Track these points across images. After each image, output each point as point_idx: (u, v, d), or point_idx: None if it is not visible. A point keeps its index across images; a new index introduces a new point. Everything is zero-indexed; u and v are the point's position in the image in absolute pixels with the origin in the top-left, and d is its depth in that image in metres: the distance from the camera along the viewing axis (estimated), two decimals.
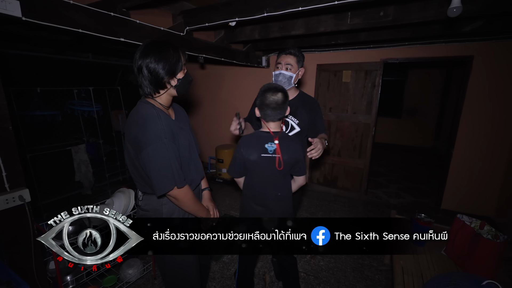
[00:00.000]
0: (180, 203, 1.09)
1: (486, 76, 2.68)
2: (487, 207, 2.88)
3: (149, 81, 1.03)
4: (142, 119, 1.00)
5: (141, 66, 1.01)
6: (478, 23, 2.16)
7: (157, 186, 1.00)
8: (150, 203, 1.13)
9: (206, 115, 4.64)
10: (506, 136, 2.70)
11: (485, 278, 1.17)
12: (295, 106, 1.65)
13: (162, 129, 1.00)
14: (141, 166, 1.03)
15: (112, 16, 1.67)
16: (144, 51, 1.02)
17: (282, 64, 1.58)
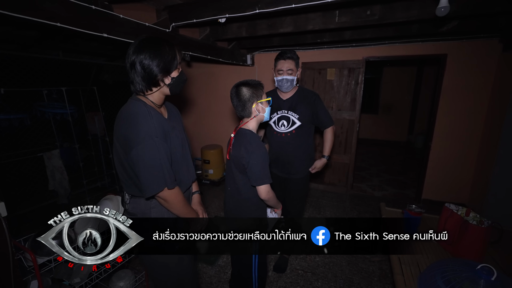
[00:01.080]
0: (169, 206, 1.04)
1: (458, 73, 2.88)
2: (462, 195, 3.11)
3: (142, 78, 0.99)
4: (132, 116, 0.96)
5: (135, 62, 0.96)
6: (453, 23, 2.30)
7: (146, 186, 0.96)
8: (137, 206, 1.08)
9: (191, 114, 4.49)
10: (477, 128, 2.92)
11: (478, 263, 1.24)
12: (295, 102, 1.80)
13: (153, 128, 0.95)
14: (130, 165, 0.98)
15: (94, 9, 1.53)
16: (139, 47, 0.97)
17: (284, 71, 1.72)
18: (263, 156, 1.20)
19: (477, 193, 2.90)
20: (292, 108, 1.80)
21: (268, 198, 1.25)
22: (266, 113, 1.29)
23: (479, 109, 2.88)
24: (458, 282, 1.23)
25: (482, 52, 2.75)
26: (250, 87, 1.23)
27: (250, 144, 1.21)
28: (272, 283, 2.00)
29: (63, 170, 3.03)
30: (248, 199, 1.32)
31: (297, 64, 1.74)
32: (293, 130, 1.83)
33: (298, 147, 1.85)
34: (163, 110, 1.14)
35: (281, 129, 1.85)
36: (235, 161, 1.27)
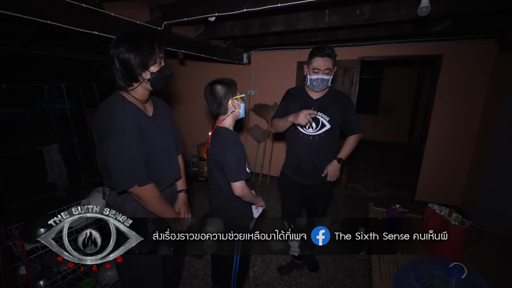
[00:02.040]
0: (143, 203, 1.03)
1: (454, 74, 2.86)
2: (455, 197, 3.09)
3: (121, 73, 0.99)
4: (106, 111, 0.97)
5: (113, 57, 0.97)
6: (446, 24, 2.29)
7: (116, 181, 0.95)
8: (114, 199, 1.08)
9: (187, 112, 4.56)
10: (472, 130, 2.90)
11: (452, 261, 1.25)
12: (326, 103, 1.63)
13: (126, 122, 0.94)
14: (104, 159, 0.99)
15: (84, 7, 1.59)
16: (117, 41, 0.97)
17: (321, 70, 1.53)
18: (239, 153, 1.22)
19: (469, 195, 2.88)
20: (323, 109, 1.63)
21: (243, 195, 1.26)
22: (241, 109, 1.32)
23: (474, 111, 2.86)
24: (430, 279, 1.25)
25: (478, 53, 2.73)
26: (224, 84, 1.26)
27: (225, 141, 1.22)
28: (257, 277, 2.04)
29: (62, 164, 3.12)
30: (230, 196, 1.33)
31: (334, 63, 1.56)
32: (322, 133, 1.65)
33: (324, 152, 1.69)
34: (148, 106, 1.13)
35: (309, 131, 1.67)
36: (212, 159, 1.30)
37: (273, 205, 3.28)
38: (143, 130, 1.01)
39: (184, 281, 1.99)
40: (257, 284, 1.97)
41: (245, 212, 1.39)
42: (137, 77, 1.01)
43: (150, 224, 1.09)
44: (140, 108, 1.05)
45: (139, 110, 1.04)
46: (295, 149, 1.74)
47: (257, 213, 1.52)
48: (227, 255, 1.42)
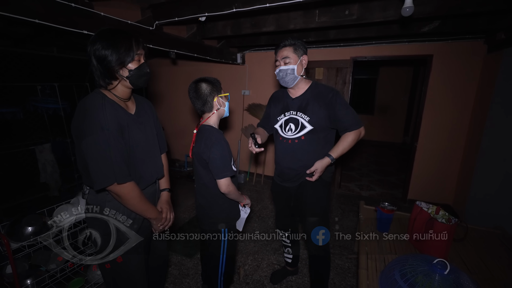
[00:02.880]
0: (123, 201, 1.01)
1: (444, 74, 2.89)
2: (447, 195, 3.12)
3: (99, 71, 0.97)
4: (85, 108, 0.95)
5: (90, 54, 0.96)
6: (434, 24, 2.32)
7: (94, 179, 0.93)
8: (94, 198, 1.07)
9: (181, 112, 4.56)
10: (462, 130, 2.93)
11: (436, 258, 1.27)
12: (306, 101, 1.44)
13: (104, 120, 0.93)
14: (82, 157, 0.96)
15: (73, 7, 1.59)
16: (93, 38, 0.96)
17: (279, 60, 1.43)
18: (223, 149, 1.23)
19: (460, 194, 2.91)
20: (302, 109, 1.45)
21: (229, 192, 1.26)
22: (226, 107, 1.33)
23: (464, 110, 2.89)
24: (413, 275, 1.26)
25: (468, 53, 2.76)
26: (209, 83, 1.28)
27: (209, 139, 1.23)
28: (247, 276, 2.05)
29: (55, 164, 3.12)
30: (215, 194, 1.33)
31: (297, 50, 1.40)
32: (302, 136, 1.47)
33: (309, 157, 1.45)
34: (131, 104, 1.12)
35: (288, 134, 1.52)
36: (197, 157, 1.30)
37: (267, 204, 3.29)
38: (123, 128, 1.00)
39: (174, 280, 1.99)
40: (248, 282, 1.98)
41: (230, 210, 1.40)
42: (115, 75, 0.99)
43: (131, 224, 1.09)
44: (122, 105, 1.05)
45: (119, 108, 1.03)
46: (277, 153, 1.64)
47: (245, 214, 1.53)
48: (213, 254, 1.42)
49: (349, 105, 1.43)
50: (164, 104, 4.69)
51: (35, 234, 1.48)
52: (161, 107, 4.73)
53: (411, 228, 1.78)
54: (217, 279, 1.46)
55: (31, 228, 1.48)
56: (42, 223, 1.52)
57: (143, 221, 1.14)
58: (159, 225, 1.16)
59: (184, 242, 2.45)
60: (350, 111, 1.42)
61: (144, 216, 1.11)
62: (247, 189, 3.79)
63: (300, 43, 1.42)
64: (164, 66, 4.46)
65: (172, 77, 4.48)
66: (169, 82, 4.54)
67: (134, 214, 1.09)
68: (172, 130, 4.70)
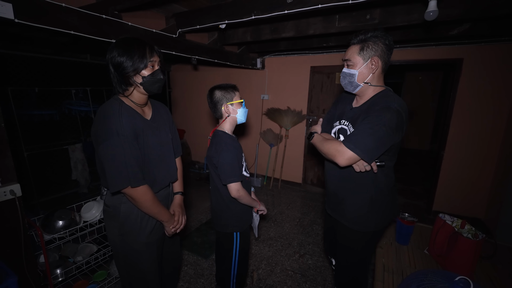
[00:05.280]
0: (137, 204, 1.05)
1: (474, 78, 2.71)
2: (477, 208, 2.90)
3: (116, 78, 1.02)
4: (103, 114, 1.00)
5: (108, 62, 1.01)
6: (464, 27, 2.20)
7: (110, 182, 0.98)
8: (111, 199, 1.11)
9: (202, 115, 4.70)
10: (495, 138, 2.72)
11: (458, 274, 1.19)
12: (359, 113, 1.16)
13: (120, 125, 0.97)
14: (100, 160, 1.01)
15: (104, 18, 1.72)
16: (111, 47, 1.01)
17: (343, 60, 1.18)
18: (232, 155, 1.25)
19: (493, 208, 2.69)
20: (353, 120, 1.17)
21: (239, 196, 1.28)
22: (239, 114, 1.35)
23: (497, 117, 2.68)
24: None
25: (501, 56, 2.57)
26: (221, 89, 1.32)
27: (220, 144, 1.26)
28: (261, 280, 2.05)
29: (85, 162, 3.35)
30: (227, 198, 1.36)
31: (365, 52, 1.09)
32: None
33: (353, 178, 1.17)
34: (147, 110, 1.16)
35: None
36: (209, 161, 1.35)
37: (283, 209, 3.27)
38: (139, 133, 1.04)
39: (190, 279, 2.05)
40: (261, 287, 1.98)
41: (242, 214, 1.41)
42: (129, 81, 1.03)
43: (144, 225, 1.13)
44: (138, 111, 1.09)
45: (136, 114, 1.07)
46: (325, 163, 1.33)
47: (256, 220, 1.54)
48: (226, 256, 1.45)
49: (376, 130, 1.00)
50: (187, 107, 4.86)
51: (65, 227, 1.61)
52: (184, 110, 4.90)
53: (433, 241, 1.68)
54: (230, 281, 1.48)
55: (62, 222, 1.61)
56: (71, 218, 1.64)
57: (156, 223, 1.18)
58: (171, 227, 1.20)
59: (201, 242, 2.51)
60: (366, 133, 1.01)
61: (156, 219, 1.14)
62: (263, 193, 3.80)
63: (375, 39, 1.08)
64: (187, 71, 4.63)
65: (195, 82, 4.63)
66: (192, 86, 4.69)
67: (148, 216, 1.13)
68: (193, 133, 4.85)
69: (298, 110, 3.71)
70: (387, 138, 1.02)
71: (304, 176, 3.92)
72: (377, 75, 1.14)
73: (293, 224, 2.91)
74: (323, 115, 3.57)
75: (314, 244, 2.53)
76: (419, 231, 2.01)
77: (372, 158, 1.03)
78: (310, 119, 3.68)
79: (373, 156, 1.03)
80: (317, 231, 2.78)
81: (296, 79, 3.68)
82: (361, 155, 1.01)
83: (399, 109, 1.04)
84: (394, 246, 1.84)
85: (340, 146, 1.05)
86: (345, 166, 1.06)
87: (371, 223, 1.20)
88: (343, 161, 1.04)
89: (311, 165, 3.84)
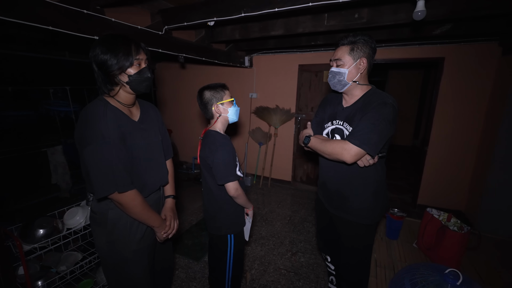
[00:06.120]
0: (125, 210, 0.99)
1: (456, 77, 2.82)
2: (458, 201, 3.04)
3: (101, 77, 0.96)
4: (87, 116, 0.94)
5: (91, 60, 0.95)
6: (446, 27, 2.27)
7: (95, 188, 0.92)
8: (98, 205, 1.05)
9: (189, 114, 4.60)
10: (475, 134, 2.85)
11: (448, 267, 1.23)
12: (354, 111, 1.19)
13: (106, 128, 0.91)
14: (85, 165, 0.95)
15: (85, 13, 1.63)
16: (94, 44, 0.95)
17: (332, 60, 1.22)
18: (227, 154, 1.23)
19: (472, 200, 2.83)
20: (349, 119, 1.21)
21: (237, 195, 1.26)
22: (230, 113, 1.32)
23: (477, 114, 2.81)
24: (424, 285, 1.23)
25: (481, 55, 2.69)
26: (211, 89, 1.28)
27: (213, 144, 1.23)
28: (254, 280, 2.04)
29: (66, 165, 3.18)
30: (221, 199, 1.34)
31: (354, 52, 1.14)
32: None
33: (357, 174, 1.20)
34: (135, 110, 1.10)
35: None
36: (202, 162, 1.31)
37: (273, 208, 3.27)
38: (126, 135, 0.99)
39: (181, 283, 2.00)
40: (254, 287, 1.97)
41: (236, 216, 1.39)
42: (114, 80, 0.97)
43: (134, 232, 1.07)
44: (125, 112, 1.03)
45: (122, 115, 1.01)
46: (321, 163, 1.38)
47: (248, 223, 1.52)
48: (221, 259, 1.42)
49: (378, 124, 1.05)
50: (173, 106, 4.75)
51: (47, 236, 1.51)
52: (170, 110, 4.78)
53: (422, 235, 1.74)
54: (225, 283, 1.46)
55: (43, 231, 1.51)
56: (53, 226, 1.55)
57: (146, 229, 1.12)
58: (162, 233, 1.15)
59: (192, 245, 2.46)
60: (369, 129, 1.05)
61: (147, 224, 1.09)
62: (254, 192, 3.79)
63: (363, 42, 1.15)
64: (173, 69, 4.51)
65: (181, 80, 4.53)
66: (178, 85, 4.58)
67: (137, 222, 1.08)
68: (181, 132, 4.75)
69: (287, 109, 3.72)
70: (387, 131, 1.08)
71: (294, 174, 3.94)
72: (364, 75, 1.21)
73: (284, 223, 2.92)
74: (311, 113, 3.60)
75: (306, 242, 2.55)
76: (407, 225, 2.08)
77: (376, 151, 1.08)
78: (299, 117, 3.70)
79: (377, 149, 1.08)
80: (308, 228, 2.80)
81: (284, 78, 3.68)
82: (367, 149, 1.05)
83: (393, 103, 1.11)
84: (385, 241, 1.88)
85: (345, 144, 1.08)
86: (352, 162, 1.09)
87: (376, 214, 1.25)
88: (350, 158, 1.07)
89: (300, 163, 3.86)
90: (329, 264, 1.54)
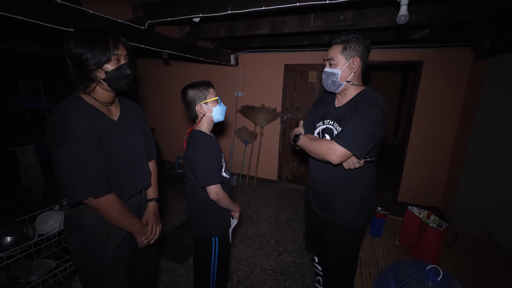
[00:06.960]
0: (102, 215, 0.92)
1: (434, 80, 2.96)
2: (435, 198, 3.19)
3: (75, 72, 0.89)
4: (59, 114, 0.86)
5: (64, 53, 0.87)
6: (425, 32, 2.36)
7: (68, 192, 0.85)
8: (71, 210, 0.97)
9: (172, 113, 4.48)
10: (450, 135, 3.01)
11: (429, 263, 1.28)
12: (345, 111, 1.17)
13: (79, 127, 0.84)
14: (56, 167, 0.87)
15: (60, 3, 1.51)
16: (68, 37, 0.87)
17: (325, 60, 1.19)
18: (211, 156, 1.19)
19: (448, 197, 2.98)
20: (339, 119, 1.19)
21: (218, 199, 1.23)
22: (214, 113, 1.28)
23: (452, 116, 2.96)
24: (407, 282, 1.26)
25: (456, 60, 2.84)
26: (194, 88, 1.24)
27: (197, 144, 1.19)
28: (240, 282, 2.01)
29: (38, 166, 2.98)
30: (205, 201, 1.30)
31: (347, 51, 1.11)
32: None
33: (343, 177, 1.18)
34: (114, 109, 1.04)
35: None
36: (186, 163, 1.27)
37: (259, 208, 3.26)
38: (102, 135, 0.92)
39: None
40: None
41: (221, 218, 1.35)
42: (89, 76, 0.90)
43: (111, 238, 1.00)
44: (102, 111, 0.97)
45: (99, 113, 0.95)
46: (310, 163, 1.36)
47: (233, 224, 1.49)
48: (205, 261, 1.38)
49: (366, 126, 1.03)
50: (156, 104, 4.60)
51: (15, 244, 1.40)
52: (153, 107, 4.63)
53: (404, 233, 1.80)
54: (209, 285, 1.42)
55: (11, 238, 1.40)
56: (22, 232, 1.43)
57: (126, 235, 1.06)
58: (143, 239, 1.07)
59: (176, 247, 2.39)
60: (357, 130, 1.03)
61: (126, 230, 1.03)
62: (239, 191, 3.75)
63: (356, 40, 1.11)
64: (156, 66, 4.36)
65: (165, 78, 4.39)
66: (162, 82, 4.45)
67: (115, 227, 1.01)
68: (164, 131, 4.61)
69: (273, 108, 3.72)
70: (376, 133, 1.06)
71: (279, 173, 3.95)
72: (357, 75, 1.18)
73: (270, 222, 2.92)
74: (297, 112, 3.62)
75: (292, 241, 2.56)
76: (389, 223, 2.14)
77: (363, 154, 1.05)
78: (284, 117, 3.71)
79: (364, 151, 1.05)
80: (293, 227, 2.82)
81: (270, 77, 3.68)
82: (353, 151, 1.03)
83: (384, 105, 1.08)
84: (369, 239, 1.93)
85: (332, 144, 1.05)
86: (338, 163, 1.07)
87: (362, 218, 1.23)
88: (336, 159, 1.04)
89: (286, 162, 3.88)
90: (316, 264, 1.54)
